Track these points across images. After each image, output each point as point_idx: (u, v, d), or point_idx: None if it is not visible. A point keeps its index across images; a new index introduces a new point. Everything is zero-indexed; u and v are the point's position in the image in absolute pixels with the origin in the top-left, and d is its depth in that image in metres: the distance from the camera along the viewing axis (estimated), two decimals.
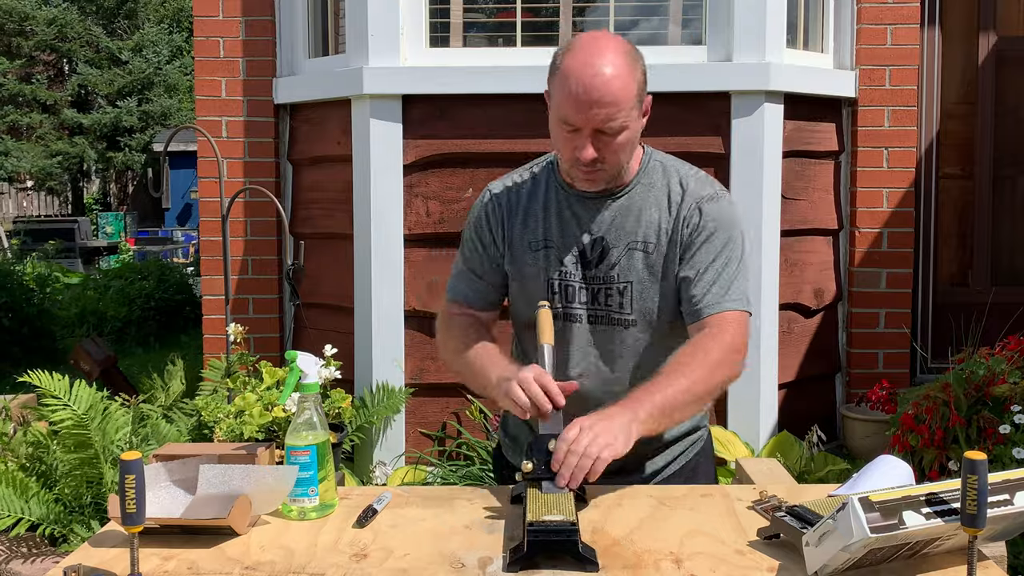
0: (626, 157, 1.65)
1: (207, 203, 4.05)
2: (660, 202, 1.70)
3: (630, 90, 1.58)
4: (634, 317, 1.69)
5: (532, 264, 1.74)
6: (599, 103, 1.55)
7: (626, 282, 1.69)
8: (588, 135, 1.59)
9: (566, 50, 1.61)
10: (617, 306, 1.70)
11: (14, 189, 19.36)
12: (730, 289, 1.67)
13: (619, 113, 1.57)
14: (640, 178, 1.72)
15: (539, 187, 1.78)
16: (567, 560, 1.26)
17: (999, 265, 4.51)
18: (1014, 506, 1.19)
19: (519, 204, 1.78)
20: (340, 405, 3.21)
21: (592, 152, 1.59)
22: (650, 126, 1.76)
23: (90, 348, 4.77)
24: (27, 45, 17.86)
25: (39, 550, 2.95)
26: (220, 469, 1.46)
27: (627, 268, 1.69)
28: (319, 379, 1.56)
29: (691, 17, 3.85)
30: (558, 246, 1.72)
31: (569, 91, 1.57)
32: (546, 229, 1.74)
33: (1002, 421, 2.83)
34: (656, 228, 1.69)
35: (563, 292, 1.72)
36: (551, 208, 1.75)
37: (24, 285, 7.12)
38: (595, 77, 1.55)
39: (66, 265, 11.40)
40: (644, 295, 1.68)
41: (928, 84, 4.39)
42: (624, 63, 1.57)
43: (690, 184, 1.72)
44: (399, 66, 3.62)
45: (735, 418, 3.60)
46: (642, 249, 1.68)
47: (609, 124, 1.57)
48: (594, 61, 1.56)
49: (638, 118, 1.63)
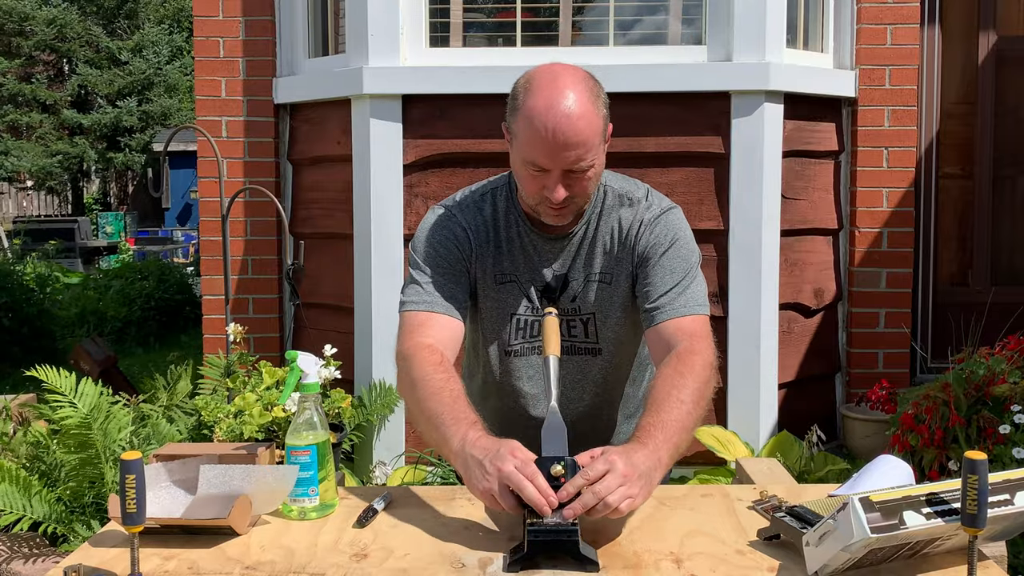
0: (594, 188, 1.65)
1: (207, 203, 4.05)
2: (613, 232, 1.72)
3: (596, 127, 1.55)
4: (600, 346, 1.74)
5: (495, 298, 1.75)
6: (567, 144, 1.52)
7: (589, 314, 1.72)
8: (557, 176, 1.56)
9: (526, 89, 1.58)
10: (583, 336, 1.74)
11: (14, 189, 19.36)
12: (687, 294, 1.67)
13: (588, 153, 1.55)
14: (594, 208, 1.72)
15: (500, 218, 1.74)
16: (567, 560, 1.26)
17: (999, 265, 4.51)
18: (1014, 506, 1.19)
19: (488, 235, 1.74)
20: (340, 405, 3.21)
21: (563, 192, 1.57)
22: (650, 126, 1.77)
23: (90, 348, 4.78)
24: (27, 45, 17.86)
25: (40, 550, 2.95)
26: (220, 469, 1.46)
27: (587, 300, 1.72)
28: (319, 379, 1.56)
29: (691, 17, 3.85)
30: (522, 280, 1.74)
31: (535, 134, 1.53)
32: (512, 263, 1.74)
33: (1002, 421, 2.83)
34: (612, 258, 1.72)
35: (528, 328, 1.74)
36: (515, 242, 1.74)
37: (24, 285, 7.12)
38: (561, 116, 1.51)
39: (66, 265, 11.40)
40: (608, 324, 1.72)
41: (928, 84, 4.40)
42: (587, 99, 1.54)
43: (638, 209, 1.72)
44: (399, 66, 3.62)
45: (735, 418, 3.60)
46: (599, 280, 1.72)
47: (579, 164, 1.55)
48: (558, 102, 1.52)
49: (603, 150, 1.61)
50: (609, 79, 3.90)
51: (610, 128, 1.63)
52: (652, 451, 1.38)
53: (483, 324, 1.79)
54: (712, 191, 3.58)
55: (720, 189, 3.58)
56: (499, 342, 1.77)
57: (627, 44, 3.82)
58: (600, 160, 1.60)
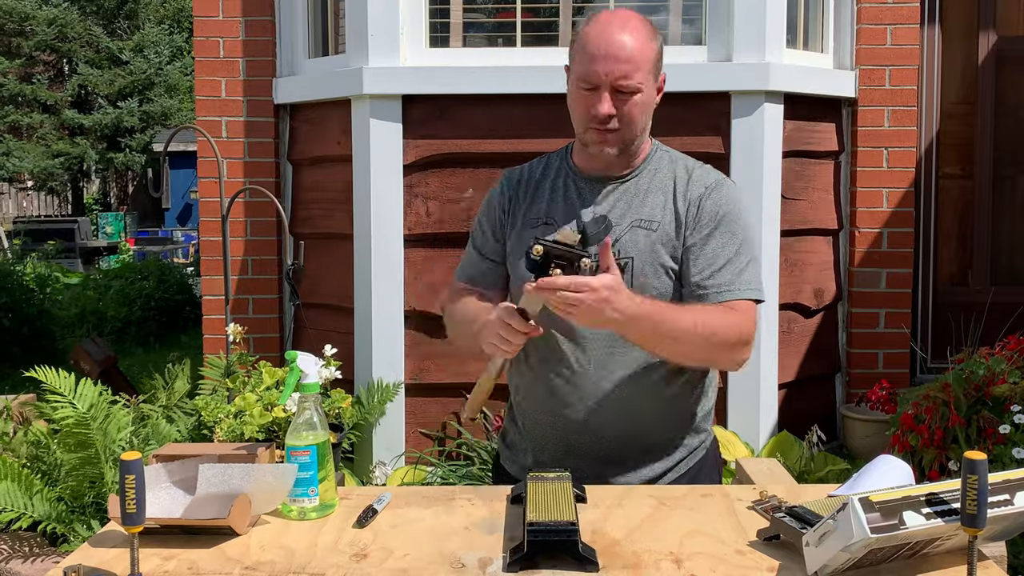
0: (639, 124, 1.68)
1: (207, 203, 4.05)
2: (665, 186, 1.73)
3: (647, 52, 1.64)
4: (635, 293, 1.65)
5: (528, 239, 1.69)
6: (617, 58, 1.61)
7: (627, 258, 1.68)
8: (605, 91, 1.63)
9: (585, 22, 1.68)
10: None
11: (14, 189, 19.36)
12: (741, 275, 1.67)
13: (636, 72, 1.62)
14: (647, 165, 1.76)
15: (550, 169, 1.82)
16: (567, 560, 1.26)
17: (999, 265, 4.51)
18: (1014, 506, 1.19)
19: (530, 184, 1.82)
20: (340, 405, 3.21)
21: (608, 107, 1.64)
22: (651, 126, 1.76)
23: (90, 348, 4.78)
24: (27, 45, 17.86)
25: (40, 550, 2.96)
26: (220, 468, 1.46)
27: (629, 244, 1.68)
28: (319, 379, 1.56)
29: (691, 17, 3.85)
30: (559, 223, 1.72)
31: (588, 50, 1.63)
32: (550, 207, 1.76)
33: (1002, 421, 2.83)
34: (661, 209, 1.71)
35: None
36: (558, 188, 1.78)
37: (24, 285, 7.12)
38: (615, 35, 1.62)
39: (66, 265, 11.39)
40: (644, 272, 1.68)
41: (928, 84, 4.40)
42: (643, 29, 1.65)
43: (695, 171, 1.75)
44: (399, 66, 3.62)
45: (735, 418, 3.60)
46: (645, 227, 1.69)
47: (626, 81, 1.62)
48: (614, 24, 1.64)
49: (653, 86, 1.68)
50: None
51: (663, 78, 1.71)
52: (638, 309, 1.52)
53: (516, 270, 1.77)
54: None
55: None
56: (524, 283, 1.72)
57: None
58: (648, 93, 1.67)
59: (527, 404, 1.79)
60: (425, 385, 3.64)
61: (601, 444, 1.71)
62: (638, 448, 1.73)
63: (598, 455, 1.71)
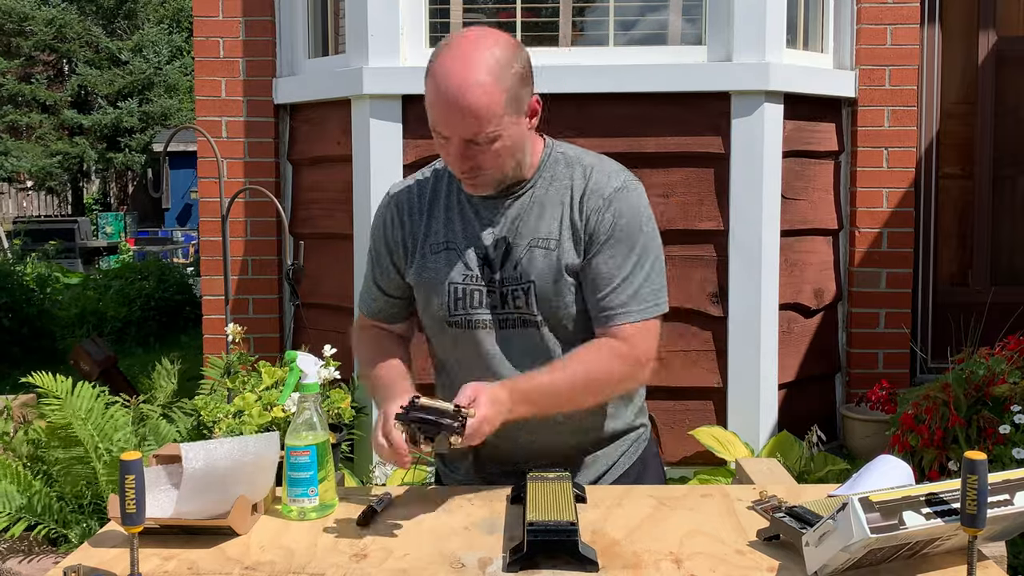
0: (509, 163, 1.57)
1: (207, 203, 4.05)
2: (563, 197, 1.63)
3: (495, 100, 1.48)
4: (541, 317, 1.61)
5: (434, 268, 1.66)
6: (461, 115, 1.48)
7: (528, 282, 1.60)
8: (457, 145, 1.52)
9: (437, 51, 1.53)
10: (524, 306, 1.61)
11: (14, 189, 19.36)
12: (637, 294, 1.60)
13: (486, 124, 1.49)
14: (542, 172, 1.65)
15: (441, 185, 1.70)
16: (567, 560, 1.26)
17: (999, 265, 4.51)
18: (1014, 506, 1.19)
19: (422, 204, 1.70)
20: (340, 405, 3.21)
21: (464, 163, 1.54)
22: (650, 126, 1.74)
23: (90, 348, 4.77)
24: (26, 45, 17.86)
25: (39, 549, 2.96)
26: (202, 444, 1.44)
27: (529, 266, 1.60)
28: (319, 379, 1.56)
29: (691, 17, 3.85)
30: (460, 247, 1.64)
31: (433, 98, 1.51)
32: (448, 229, 1.66)
33: (1002, 421, 2.83)
34: (559, 224, 1.61)
35: (467, 297, 1.64)
36: (452, 207, 1.67)
37: (24, 285, 7.12)
38: (454, 87, 1.47)
39: (66, 265, 11.40)
40: (547, 294, 1.60)
41: (928, 84, 4.40)
42: (490, 70, 1.48)
43: (593, 176, 1.63)
44: (399, 66, 3.62)
45: (735, 418, 3.60)
46: (543, 247, 1.61)
47: (477, 135, 1.50)
48: (457, 69, 1.48)
49: (515, 123, 1.53)
50: (609, 79, 3.89)
51: (533, 101, 1.57)
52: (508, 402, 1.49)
53: (421, 297, 1.70)
54: (712, 191, 3.57)
55: (720, 189, 3.58)
56: (439, 315, 1.67)
57: (627, 44, 3.82)
58: (510, 132, 1.52)
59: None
60: (425, 385, 3.62)
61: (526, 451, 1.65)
62: (576, 451, 1.70)
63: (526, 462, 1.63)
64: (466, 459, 1.74)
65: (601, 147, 3.48)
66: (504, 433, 1.54)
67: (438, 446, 1.43)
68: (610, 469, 1.74)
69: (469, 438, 1.43)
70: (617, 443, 1.76)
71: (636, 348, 1.59)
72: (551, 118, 3.73)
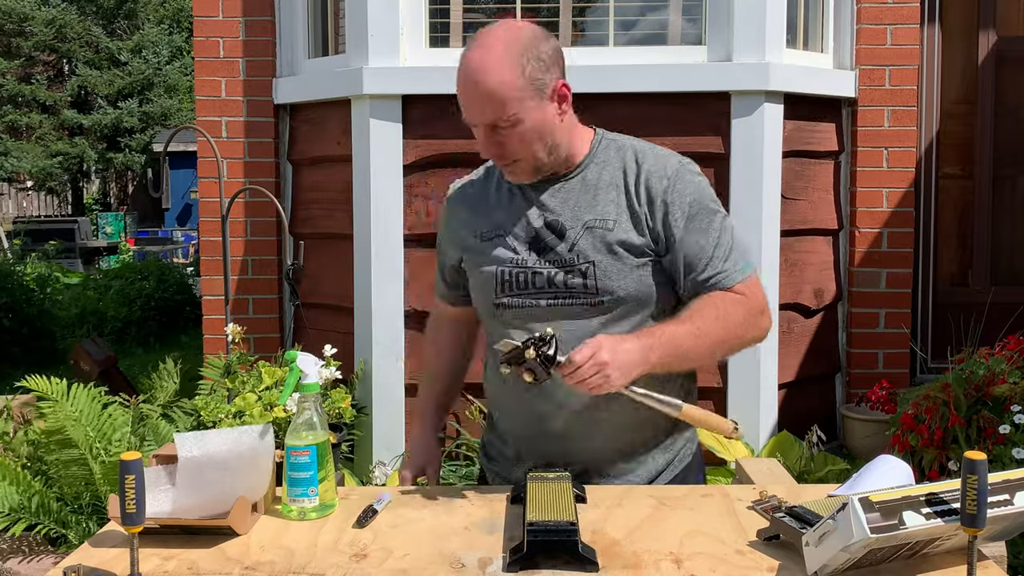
0: (539, 148, 1.60)
1: (207, 203, 4.05)
2: (616, 181, 1.65)
3: (511, 82, 1.53)
4: (601, 297, 1.61)
5: (484, 255, 1.69)
6: (479, 101, 1.56)
7: (587, 262, 1.61)
8: (485, 132, 1.59)
9: (468, 42, 1.61)
10: (581, 287, 1.61)
11: (14, 189, 19.36)
12: (730, 258, 1.63)
13: (504, 108, 1.54)
14: (592, 157, 1.68)
15: (492, 177, 1.76)
16: (567, 560, 1.26)
17: (999, 265, 4.51)
18: (1014, 506, 1.19)
19: (474, 197, 1.78)
20: (340, 405, 3.21)
21: (493, 148, 1.60)
22: (650, 126, 1.75)
23: (90, 348, 4.78)
24: (26, 45, 17.86)
25: (40, 548, 2.96)
26: (195, 434, 1.44)
27: (587, 248, 1.61)
28: (319, 379, 1.56)
29: (691, 17, 3.85)
30: (510, 233, 1.67)
31: (458, 89, 1.59)
32: (497, 217, 1.70)
33: (1002, 421, 2.83)
34: (615, 206, 1.63)
35: (514, 280, 1.65)
36: (503, 195, 1.72)
37: (24, 285, 7.13)
38: (471, 77, 1.55)
39: (66, 265, 11.40)
40: (608, 274, 1.61)
41: (928, 84, 4.40)
42: (504, 54, 1.53)
43: (647, 159, 1.65)
44: (399, 66, 3.62)
45: (735, 418, 3.58)
46: (601, 227, 1.62)
47: (499, 119, 1.55)
48: (474, 57, 1.55)
49: (537, 107, 1.56)
50: (609, 79, 3.88)
51: (558, 84, 1.59)
52: (643, 348, 1.49)
53: (475, 284, 1.73)
54: None
55: (720, 189, 3.54)
56: (488, 300, 1.69)
57: (627, 44, 3.82)
58: (533, 116, 1.56)
59: (506, 419, 1.77)
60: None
61: (580, 454, 1.66)
62: (618, 454, 1.69)
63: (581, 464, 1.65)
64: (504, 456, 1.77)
65: None
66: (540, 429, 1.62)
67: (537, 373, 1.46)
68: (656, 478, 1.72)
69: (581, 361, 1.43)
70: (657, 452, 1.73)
71: (752, 298, 1.63)
72: None
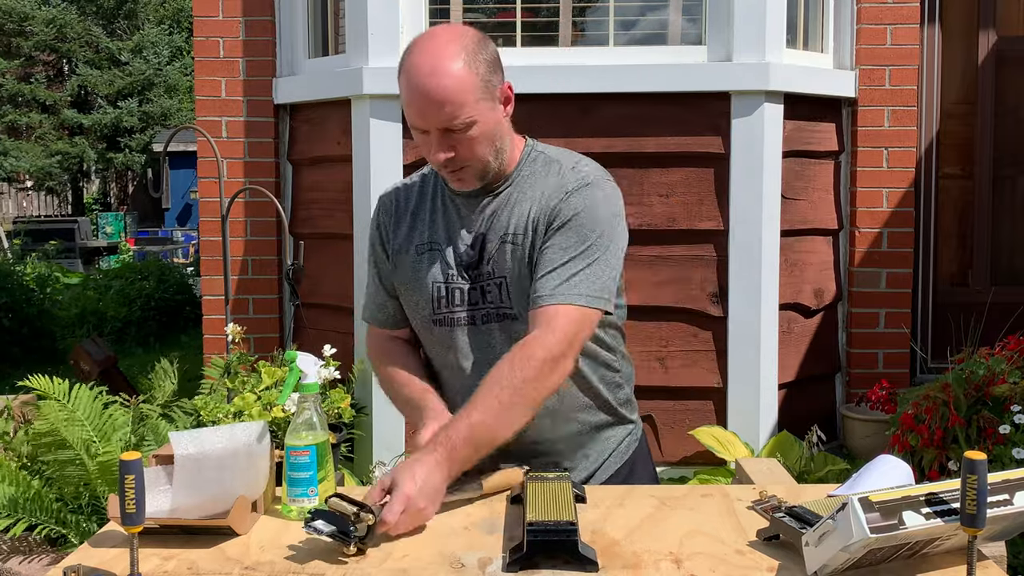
0: (488, 151, 1.59)
1: (207, 203, 4.05)
2: (535, 194, 1.64)
3: (467, 83, 1.52)
4: (516, 310, 1.62)
5: (418, 269, 1.69)
6: (433, 104, 1.52)
7: (501, 277, 1.63)
8: (437, 136, 1.55)
9: (406, 50, 1.58)
10: (499, 301, 1.64)
11: (14, 189, 19.37)
12: (570, 282, 1.55)
13: (460, 110, 1.52)
14: (520, 170, 1.68)
15: (427, 188, 1.74)
16: (567, 560, 1.26)
17: (999, 265, 4.51)
18: (1014, 506, 1.19)
19: (407, 208, 1.74)
20: (340, 405, 3.21)
21: (444, 153, 1.56)
22: (650, 126, 1.75)
23: (90, 348, 4.78)
24: (26, 45, 17.87)
25: (40, 548, 2.96)
26: (189, 432, 1.45)
27: (500, 262, 1.63)
28: (319, 379, 1.56)
29: (691, 17, 3.85)
30: (443, 248, 1.68)
31: (407, 93, 1.54)
32: (432, 231, 1.70)
33: (1002, 421, 2.83)
34: (526, 219, 1.63)
35: (449, 296, 1.66)
36: (437, 209, 1.71)
37: (24, 285, 7.13)
38: (424, 80, 1.51)
39: (66, 265, 11.40)
40: (521, 287, 1.61)
41: (928, 84, 4.40)
42: (455, 56, 1.52)
43: (565, 175, 1.64)
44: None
45: (735, 418, 3.60)
46: (511, 242, 1.63)
47: (453, 122, 1.53)
48: (425, 60, 1.52)
49: (490, 109, 1.57)
50: (609, 79, 3.88)
51: (504, 87, 1.61)
52: (440, 464, 1.44)
53: (408, 298, 1.72)
54: (712, 191, 3.58)
55: (720, 189, 3.58)
56: (423, 313, 1.69)
57: (627, 44, 3.82)
58: (486, 119, 1.56)
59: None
60: None
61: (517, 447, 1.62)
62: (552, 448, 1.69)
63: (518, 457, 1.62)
64: None
65: (601, 147, 3.49)
66: None
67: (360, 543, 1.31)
68: (600, 468, 1.74)
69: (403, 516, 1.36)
70: (605, 436, 1.75)
71: (553, 332, 1.53)
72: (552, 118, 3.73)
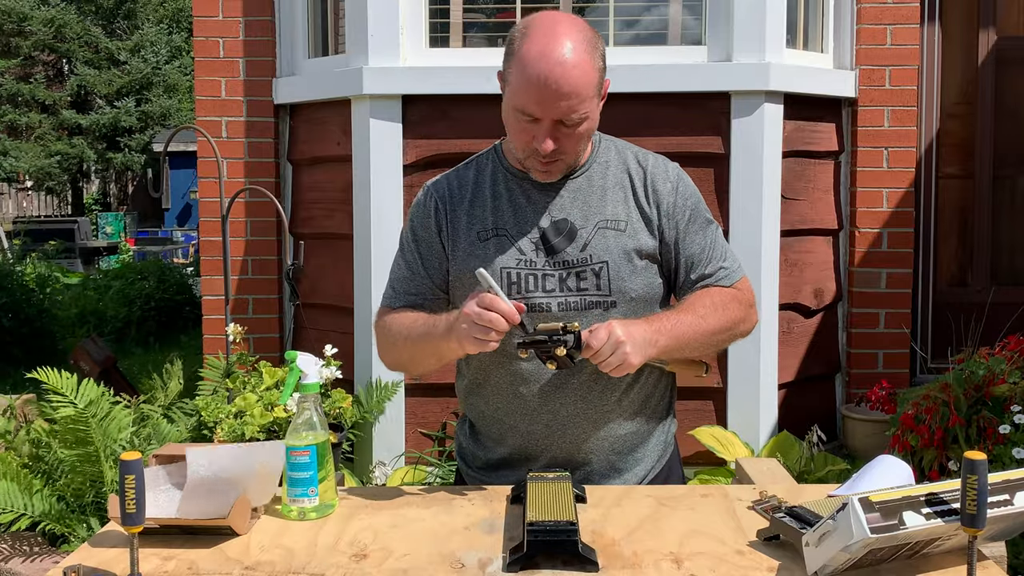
0: (584, 146, 1.63)
1: (207, 203, 4.05)
2: (623, 182, 1.67)
3: (591, 79, 1.53)
4: (613, 298, 1.61)
5: (482, 255, 1.63)
6: (560, 95, 1.49)
7: (601, 262, 1.61)
8: (548, 126, 1.53)
9: (522, 34, 1.55)
10: (594, 288, 1.61)
11: (14, 189, 19.37)
12: (726, 258, 1.70)
13: (581, 104, 1.52)
14: (595, 158, 1.69)
15: (484, 174, 1.70)
16: (567, 560, 1.26)
17: (999, 265, 4.51)
18: (1014, 506, 1.19)
19: (463, 195, 1.69)
20: (340, 405, 3.21)
21: (551, 144, 1.54)
22: (650, 126, 1.76)
23: (90, 348, 4.78)
24: (25, 45, 17.86)
25: (41, 548, 2.96)
26: (207, 450, 1.45)
27: (600, 247, 1.62)
28: (319, 379, 1.56)
29: (691, 17, 3.85)
30: (512, 233, 1.63)
31: (528, 81, 1.50)
32: (496, 216, 1.65)
33: (1002, 421, 2.83)
34: (624, 206, 1.65)
35: (521, 282, 1.61)
36: (501, 194, 1.67)
37: (24, 285, 7.13)
38: (555, 67, 1.48)
39: (66, 265, 11.40)
40: (620, 274, 1.61)
41: (928, 84, 4.40)
42: (584, 50, 1.52)
43: (648, 162, 1.70)
44: (399, 66, 3.62)
45: (735, 418, 3.60)
46: (613, 228, 1.63)
47: (570, 116, 1.52)
48: (553, 49, 1.49)
49: (598, 106, 1.59)
50: (609, 79, 3.87)
51: (607, 84, 1.62)
52: (653, 331, 1.51)
53: (466, 286, 1.63)
54: (712, 191, 3.58)
55: (720, 189, 3.58)
56: None
57: (627, 44, 3.82)
58: (594, 115, 1.57)
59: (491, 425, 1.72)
60: (425, 385, 3.64)
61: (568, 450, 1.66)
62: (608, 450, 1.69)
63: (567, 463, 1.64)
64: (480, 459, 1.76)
65: None
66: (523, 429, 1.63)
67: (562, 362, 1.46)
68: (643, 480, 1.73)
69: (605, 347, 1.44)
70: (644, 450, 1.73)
71: (747, 293, 1.71)
72: None
